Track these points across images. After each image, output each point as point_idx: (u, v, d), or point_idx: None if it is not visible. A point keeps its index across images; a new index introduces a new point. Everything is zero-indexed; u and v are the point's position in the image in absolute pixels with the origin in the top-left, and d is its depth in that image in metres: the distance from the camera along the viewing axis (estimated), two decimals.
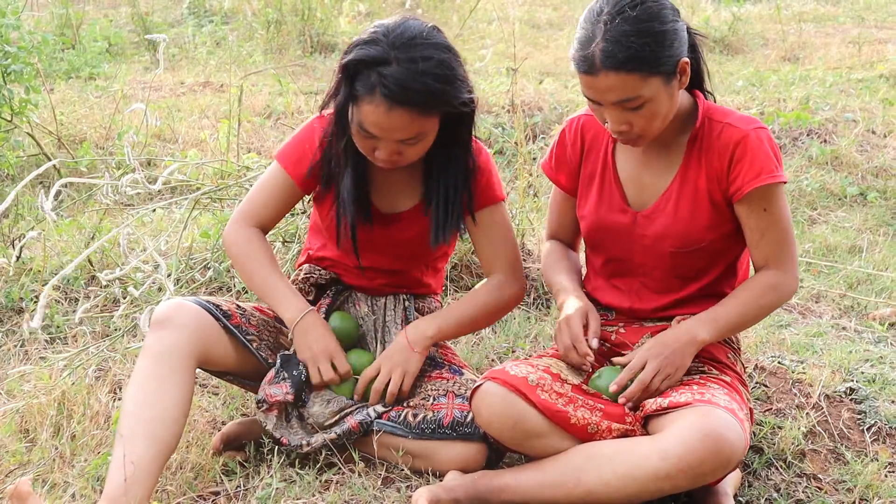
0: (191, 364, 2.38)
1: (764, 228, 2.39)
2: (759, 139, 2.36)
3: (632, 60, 2.17)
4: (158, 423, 2.28)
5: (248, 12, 8.95)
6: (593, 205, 2.53)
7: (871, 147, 5.81)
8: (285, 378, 2.48)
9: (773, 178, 2.33)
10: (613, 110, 2.26)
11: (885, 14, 10.71)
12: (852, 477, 2.56)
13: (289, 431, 2.48)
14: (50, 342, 3.28)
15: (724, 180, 2.38)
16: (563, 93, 6.51)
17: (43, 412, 2.66)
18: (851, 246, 4.56)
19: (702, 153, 2.40)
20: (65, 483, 2.42)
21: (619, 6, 2.19)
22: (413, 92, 2.27)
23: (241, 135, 4.57)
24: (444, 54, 2.33)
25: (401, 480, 2.48)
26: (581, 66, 2.23)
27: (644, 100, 2.22)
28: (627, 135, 2.31)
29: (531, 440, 2.33)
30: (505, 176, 4.47)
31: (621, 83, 2.20)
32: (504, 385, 2.31)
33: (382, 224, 2.61)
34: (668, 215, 2.43)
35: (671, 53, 2.22)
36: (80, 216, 4.08)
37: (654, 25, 2.19)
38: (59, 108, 5.62)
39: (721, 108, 2.44)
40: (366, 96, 2.29)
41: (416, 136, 2.35)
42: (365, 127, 2.33)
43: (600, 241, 2.56)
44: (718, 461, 2.13)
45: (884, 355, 3.24)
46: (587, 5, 2.28)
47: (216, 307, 2.49)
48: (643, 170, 2.48)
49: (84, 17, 8.45)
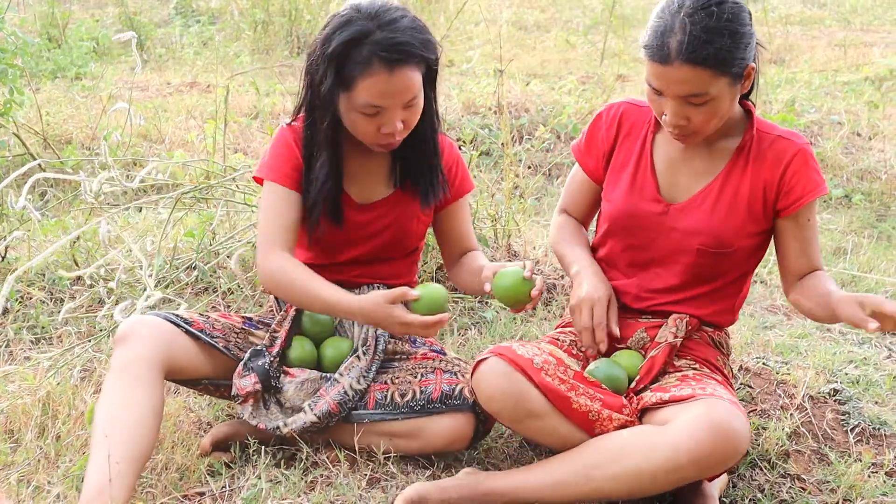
0: (156, 371, 2.37)
1: (810, 237, 2.46)
2: (811, 154, 2.43)
3: (708, 56, 2.19)
4: (131, 429, 2.26)
5: (235, 12, 8.95)
6: (624, 191, 2.54)
7: (856, 149, 5.85)
8: (251, 369, 2.50)
9: (822, 190, 2.42)
10: (676, 102, 2.27)
11: (870, 17, 10.78)
12: (836, 477, 2.57)
13: (267, 418, 2.50)
14: (35, 342, 3.27)
15: (772, 190, 2.42)
16: (550, 94, 6.52)
17: (27, 413, 2.65)
18: (836, 248, 4.59)
19: (749, 161, 2.43)
20: (49, 484, 2.41)
21: (703, 1, 2.21)
22: (406, 46, 2.35)
23: (228, 135, 4.56)
24: (410, 12, 2.44)
25: (386, 479, 2.48)
26: (655, 55, 2.24)
27: (709, 97, 2.25)
28: (683, 129, 2.33)
29: (530, 420, 2.33)
30: (491, 177, 4.47)
31: (693, 76, 2.21)
32: (510, 363, 2.32)
33: (357, 213, 2.63)
34: (704, 212, 2.45)
35: (743, 56, 2.25)
36: (66, 216, 4.07)
37: (734, 25, 2.21)
38: (45, 107, 5.61)
39: (767, 122, 2.48)
40: (363, 72, 2.34)
41: (417, 94, 2.42)
42: (370, 102, 2.37)
43: (626, 228, 2.55)
44: (727, 452, 2.14)
45: (868, 356, 3.26)
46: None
47: (177, 316, 2.51)
48: (681, 166, 2.50)
49: (70, 17, 8.43)
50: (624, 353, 2.52)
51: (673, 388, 2.33)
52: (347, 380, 2.51)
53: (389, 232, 2.65)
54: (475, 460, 2.61)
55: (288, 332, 2.61)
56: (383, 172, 2.65)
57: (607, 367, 2.43)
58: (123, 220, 4.11)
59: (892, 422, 2.82)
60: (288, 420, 2.48)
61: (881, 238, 4.80)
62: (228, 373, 2.56)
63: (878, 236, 4.80)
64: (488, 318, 3.50)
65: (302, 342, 2.62)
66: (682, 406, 2.24)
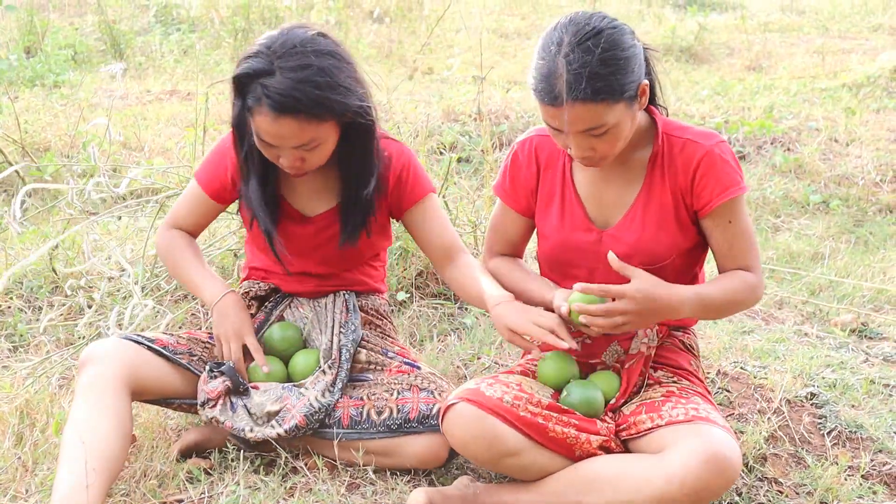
0: (120, 388, 2.38)
1: (731, 239, 2.42)
2: (721, 153, 2.37)
3: (598, 91, 2.16)
4: (99, 442, 2.25)
5: (215, 20, 8.93)
6: (555, 224, 2.53)
7: (833, 155, 5.89)
8: (219, 373, 2.53)
9: (738, 190, 2.36)
10: (578, 137, 2.25)
11: (848, 24, 10.85)
12: (813, 480, 2.59)
13: (235, 418, 2.50)
14: (13, 351, 3.26)
15: (688, 195, 2.40)
16: (530, 101, 6.51)
17: (5, 421, 2.64)
18: (814, 253, 4.62)
19: (665, 170, 2.41)
20: (27, 493, 2.40)
21: (580, 37, 2.17)
22: (294, 100, 2.29)
23: (208, 143, 4.55)
24: (325, 61, 2.34)
25: (366, 485, 2.48)
26: (544, 98, 2.21)
27: (608, 126, 2.22)
28: (591, 159, 2.31)
29: (506, 459, 2.30)
30: (472, 184, 4.48)
31: (588, 113, 2.18)
32: (479, 406, 2.28)
33: (303, 226, 2.65)
34: (635, 233, 2.43)
35: (633, 79, 2.22)
36: (45, 225, 4.05)
37: (616, 53, 2.18)
38: (23, 115, 5.58)
39: (678, 124, 2.45)
40: (255, 107, 2.33)
41: (311, 143, 2.38)
42: (261, 137, 2.38)
43: (565, 261, 2.54)
44: (721, 483, 2.13)
45: (844, 360, 3.28)
46: (542, 34, 2.27)
47: (139, 335, 2.54)
48: (603, 187, 2.48)
49: (49, 25, 8.40)
50: (600, 374, 2.50)
51: (664, 408, 2.31)
52: (313, 392, 2.53)
53: (335, 243, 2.65)
54: (469, 468, 2.61)
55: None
56: (326, 186, 2.64)
57: (582, 390, 2.39)
58: (103, 228, 4.10)
59: (869, 425, 2.85)
60: (255, 427, 2.48)
61: (858, 243, 4.84)
62: (195, 388, 2.57)
63: (856, 241, 4.84)
64: (468, 323, 3.51)
65: (269, 361, 2.63)
66: (674, 430, 2.23)
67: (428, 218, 2.69)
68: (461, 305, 3.64)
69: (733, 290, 2.39)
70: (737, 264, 2.44)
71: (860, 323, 3.70)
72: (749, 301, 2.44)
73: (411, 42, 9.05)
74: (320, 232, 2.65)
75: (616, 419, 2.40)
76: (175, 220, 2.75)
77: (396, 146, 2.67)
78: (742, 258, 2.43)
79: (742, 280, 2.41)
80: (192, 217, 2.74)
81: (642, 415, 2.34)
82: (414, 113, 5.90)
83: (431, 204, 2.70)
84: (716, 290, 2.37)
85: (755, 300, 2.45)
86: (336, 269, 2.74)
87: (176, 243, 2.71)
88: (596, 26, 2.18)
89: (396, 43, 8.98)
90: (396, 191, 2.65)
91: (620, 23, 2.25)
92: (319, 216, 2.65)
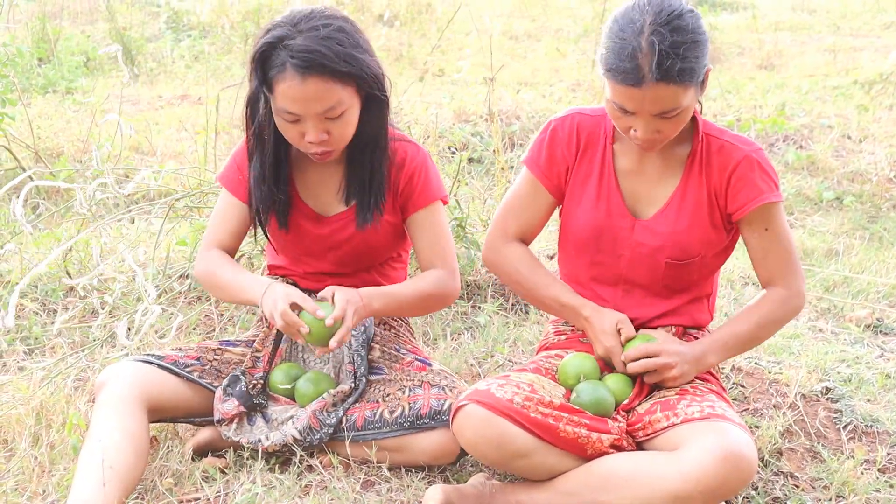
0: (135, 406, 2.41)
1: (766, 247, 2.42)
2: (759, 160, 2.38)
3: (682, 72, 2.15)
4: (116, 453, 2.28)
5: (226, 26, 8.96)
6: (590, 207, 2.50)
7: (846, 152, 5.87)
8: (231, 395, 2.54)
9: (773, 197, 2.37)
10: (649, 119, 2.24)
11: (859, 22, 10.83)
12: (829, 474, 2.58)
13: (250, 433, 2.53)
14: (28, 353, 3.27)
15: (721, 197, 2.40)
16: (541, 102, 6.55)
17: (21, 422, 2.65)
18: (828, 249, 4.60)
19: (702, 168, 2.41)
20: (44, 492, 2.41)
21: (665, 17, 2.16)
22: (320, 55, 2.30)
23: (219, 146, 4.57)
24: (342, 23, 2.38)
25: (381, 483, 2.48)
26: (627, 79, 2.17)
27: (681, 109, 2.22)
28: (653, 142, 2.30)
29: (516, 460, 2.29)
30: (483, 184, 4.48)
31: (668, 94, 2.17)
32: (489, 408, 2.26)
33: (318, 226, 2.65)
34: (669, 226, 2.43)
35: (705, 63, 2.22)
36: (57, 228, 4.07)
37: (696, 36, 2.18)
38: (36, 121, 5.61)
39: (714, 125, 2.46)
40: (279, 75, 2.33)
41: (337, 107, 2.36)
42: (286, 108, 2.36)
43: (591, 244, 2.52)
44: (737, 481, 2.11)
45: (860, 356, 3.27)
46: (614, 15, 2.24)
47: (149, 355, 2.56)
48: (641, 177, 2.48)
49: (61, 33, 8.44)
50: (612, 376, 2.48)
51: (679, 406, 2.30)
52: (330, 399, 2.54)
53: (350, 245, 2.65)
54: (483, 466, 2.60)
55: (270, 353, 2.64)
56: (342, 186, 2.63)
57: (593, 390, 2.37)
58: (116, 231, 4.11)
59: (884, 419, 2.83)
60: (270, 434, 2.50)
61: (872, 239, 4.82)
62: (211, 401, 2.59)
63: (870, 238, 4.82)
64: (481, 322, 3.51)
65: (288, 369, 2.63)
66: (690, 427, 2.22)
67: (427, 226, 2.65)
68: (474, 304, 3.63)
69: (761, 318, 2.45)
70: (769, 273, 2.45)
71: (875, 318, 3.69)
72: (782, 319, 2.47)
73: (421, 45, 9.06)
74: (335, 233, 2.64)
75: (630, 418, 2.39)
76: (211, 238, 2.68)
77: (412, 148, 2.65)
78: (776, 267, 2.44)
79: (768, 303, 2.44)
80: (226, 225, 2.67)
81: (657, 413, 2.32)
82: (425, 115, 5.90)
83: (433, 213, 2.65)
84: (741, 328, 2.45)
85: (791, 315, 2.47)
86: (352, 270, 2.73)
87: (212, 263, 2.62)
88: (676, 8, 2.18)
89: (407, 46, 8.99)
90: (406, 192, 2.63)
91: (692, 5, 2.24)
92: (335, 216, 2.64)
